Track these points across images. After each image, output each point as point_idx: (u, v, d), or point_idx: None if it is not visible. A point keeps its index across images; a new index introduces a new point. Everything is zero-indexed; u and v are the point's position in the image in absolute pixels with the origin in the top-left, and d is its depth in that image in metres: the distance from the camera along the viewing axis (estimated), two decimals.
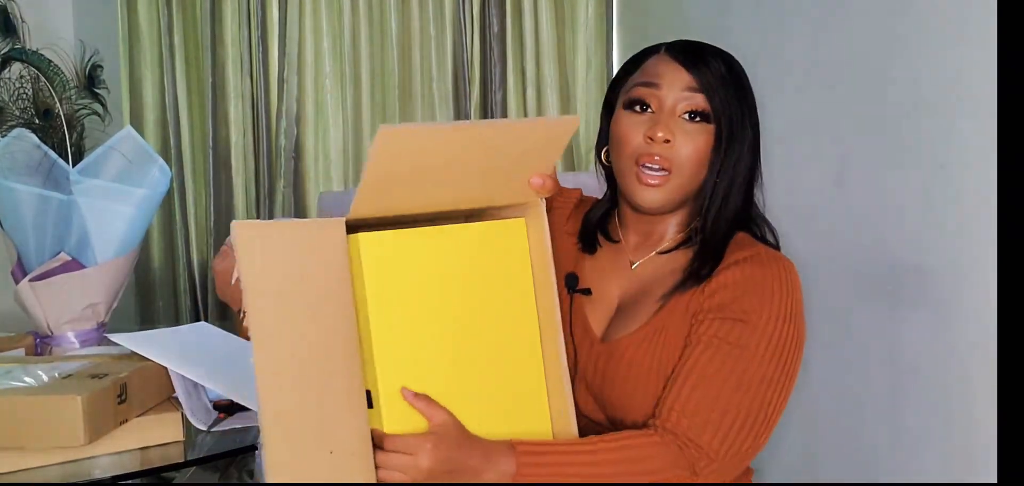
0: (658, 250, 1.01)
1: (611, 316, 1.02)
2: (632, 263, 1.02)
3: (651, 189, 0.95)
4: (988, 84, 1.01)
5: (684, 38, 1.01)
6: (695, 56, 0.96)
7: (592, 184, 1.13)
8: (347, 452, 0.79)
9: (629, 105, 0.97)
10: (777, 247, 0.99)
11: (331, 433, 0.79)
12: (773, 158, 1.57)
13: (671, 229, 1.01)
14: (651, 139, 0.94)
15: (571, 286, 1.02)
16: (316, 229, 0.83)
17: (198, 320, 2.62)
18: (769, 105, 1.61)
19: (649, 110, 0.96)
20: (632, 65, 1.02)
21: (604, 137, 1.04)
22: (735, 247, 0.96)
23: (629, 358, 0.95)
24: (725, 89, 0.94)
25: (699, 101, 0.94)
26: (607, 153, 1.02)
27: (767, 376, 0.89)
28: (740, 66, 0.99)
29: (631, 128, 0.96)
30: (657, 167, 0.94)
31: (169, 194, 2.56)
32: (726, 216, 0.96)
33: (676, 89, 0.94)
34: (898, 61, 1.22)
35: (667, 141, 0.93)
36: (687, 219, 1.01)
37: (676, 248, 1.00)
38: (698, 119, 0.94)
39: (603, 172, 1.07)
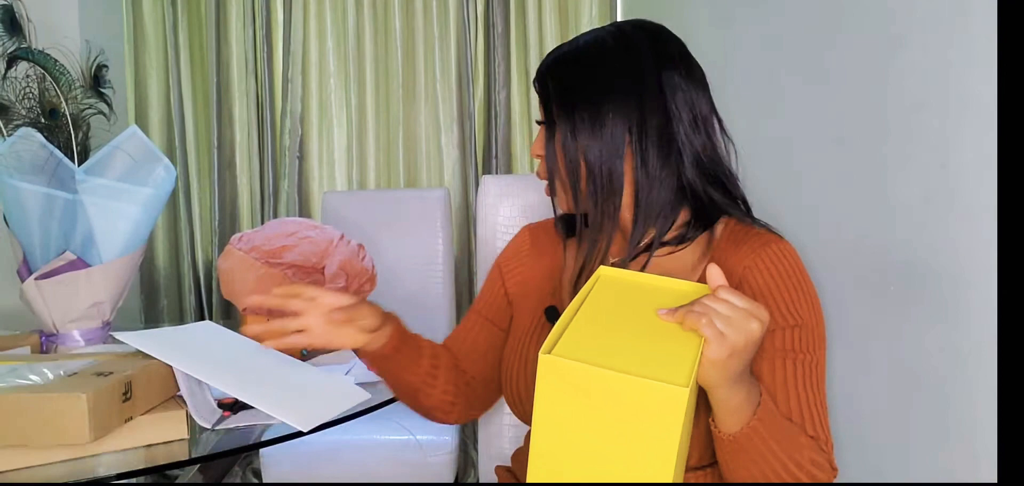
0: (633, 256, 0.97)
1: None
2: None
3: (553, 198, 1.00)
4: (988, 84, 1.00)
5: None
6: (543, 66, 0.97)
7: None
8: None
9: None
10: (745, 202, 0.99)
11: None
12: (774, 158, 1.58)
13: (628, 224, 0.97)
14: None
15: (550, 317, 1.01)
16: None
17: (202, 318, 2.64)
18: (771, 105, 1.62)
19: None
20: None
21: None
22: (730, 243, 0.95)
23: None
24: (557, 86, 0.94)
25: (539, 110, 0.98)
26: None
27: (823, 361, 0.93)
28: (612, 42, 0.94)
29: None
30: (545, 179, 0.99)
31: (174, 193, 2.58)
32: (657, 214, 0.94)
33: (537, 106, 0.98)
34: (898, 61, 1.22)
35: (539, 156, 0.99)
36: (633, 212, 0.96)
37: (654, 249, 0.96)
38: (544, 124, 0.98)
39: None
